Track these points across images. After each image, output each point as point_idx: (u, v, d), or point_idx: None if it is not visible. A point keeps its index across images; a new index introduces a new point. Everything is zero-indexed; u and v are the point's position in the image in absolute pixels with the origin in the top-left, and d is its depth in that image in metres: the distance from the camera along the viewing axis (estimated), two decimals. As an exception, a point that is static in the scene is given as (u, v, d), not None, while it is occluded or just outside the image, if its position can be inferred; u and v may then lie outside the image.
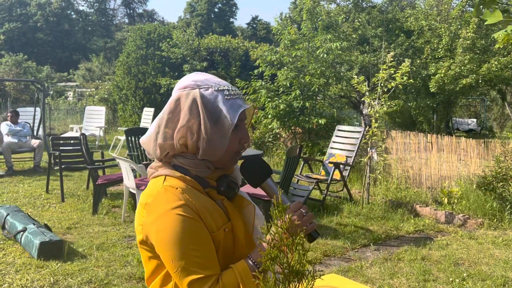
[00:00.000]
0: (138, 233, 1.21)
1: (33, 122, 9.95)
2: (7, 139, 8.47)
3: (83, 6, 54.22)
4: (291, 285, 0.92)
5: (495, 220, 5.45)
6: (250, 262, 1.14)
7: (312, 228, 1.17)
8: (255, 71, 10.08)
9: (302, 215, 1.14)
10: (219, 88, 1.23)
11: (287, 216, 1.01)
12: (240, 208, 1.28)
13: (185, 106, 1.22)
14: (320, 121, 8.82)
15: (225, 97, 1.22)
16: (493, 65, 11.36)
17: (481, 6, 2.77)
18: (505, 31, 2.81)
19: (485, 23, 2.48)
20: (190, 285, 1.11)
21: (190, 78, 1.27)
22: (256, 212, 1.29)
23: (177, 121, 1.22)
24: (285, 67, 9.34)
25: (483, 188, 5.69)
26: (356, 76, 6.49)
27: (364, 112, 10.91)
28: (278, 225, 0.97)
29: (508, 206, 5.42)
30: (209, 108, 1.20)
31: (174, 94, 1.27)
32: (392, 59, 6.18)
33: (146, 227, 1.17)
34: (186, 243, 1.11)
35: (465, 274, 3.96)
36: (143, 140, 1.30)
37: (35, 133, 9.83)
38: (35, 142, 8.63)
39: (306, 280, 0.91)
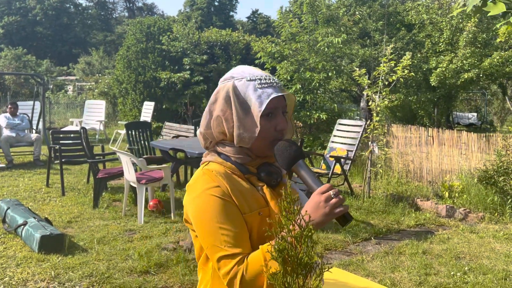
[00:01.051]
0: (184, 210, 1.34)
1: (32, 116, 9.92)
2: (5, 132, 8.45)
3: (82, -1, 53.94)
4: (299, 278, 0.91)
5: (496, 214, 5.44)
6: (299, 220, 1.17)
7: (342, 211, 1.16)
8: (256, 61, 10.03)
9: (330, 197, 1.16)
10: (252, 78, 1.30)
11: (296, 207, 1.00)
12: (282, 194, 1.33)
13: (220, 97, 1.31)
14: (321, 115, 8.80)
15: (256, 86, 1.29)
16: (495, 59, 11.32)
17: (483, 8, 2.73)
18: (508, 21, 2.77)
19: (488, 15, 2.46)
20: (219, 261, 1.19)
21: (230, 71, 1.37)
22: (303, 203, 1.33)
23: (215, 111, 1.33)
24: (285, 61, 9.30)
25: (484, 182, 5.68)
26: (357, 69, 6.46)
27: (362, 105, 10.89)
28: (285, 217, 0.96)
29: (509, 200, 5.42)
30: (240, 97, 1.29)
31: (217, 87, 1.38)
32: (392, 51, 6.15)
33: (186, 205, 1.30)
34: (216, 222, 1.20)
35: (466, 268, 3.95)
36: (198, 131, 1.43)
37: (34, 127, 9.81)
38: (33, 136, 8.61)
39: (315, 273, 0.90)
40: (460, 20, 12.01)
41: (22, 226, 4.38)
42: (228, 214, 1.21)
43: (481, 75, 11.76)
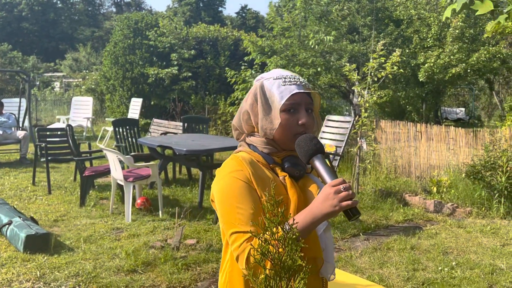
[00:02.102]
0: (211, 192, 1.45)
1: (18, 113, 9.77)
2: (-9, 130, 8.31)
3: (69, -5, 53.23)
4: (282, 281, 0.89)
5: (483, 208, 5.48)
6: (286, 225, 1.22)
7: (350, 205, 1.21)
8: (245, 58, 9.98)
9: (339, 190, 1.21)
10: (278, 77, 1.43)
11: (279, 210, 0.97)
12: (304, 188, 1.40)
13: (251, 94, 1.46)
14: None
15: (281, 83, 1.40)
16: (482, 54, 11.39)
17: (469, 5, 2.73)
18: (497, 20, 2.78)
19: (476, 14, 2.46)
20: (231, 236, 1.29)
21: (264, 73, 1.50)
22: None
23: (245, 106, 1.47)
24: (275, 55, 9.26)
25: (471, 177, 5.72)
26: (348, 64, 6.45)
27: (354, 101, 10.90)
28: (269, 219, 0.93)
29: (497, 195, 5.46)
30: (265, 94, 1.42)
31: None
32: (382, 47, 6.15)
33: (212, 186, 1.41)
34: (235, 201, 1.31)
35: (453, 263, 3.98)
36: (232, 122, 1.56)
37: (20, 125, 9.67)
38: (20, 134, 8.48)
39: (299, 276, 0.87)
40: (448, 16, 12.05)
41: (7, 226, 4.31)
42: (246, 196, 1.32)
43: (468, 70, 11.84)
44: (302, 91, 1.40)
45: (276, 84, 1.41)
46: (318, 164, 1.30)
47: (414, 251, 4.28)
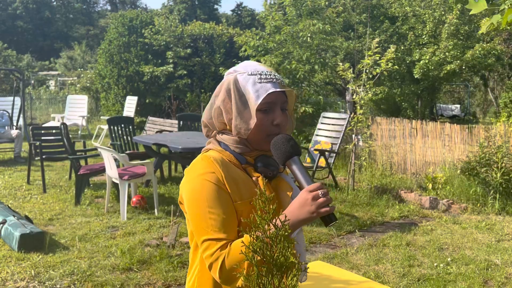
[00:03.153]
0: (179, 192, 1.40)
1: (12, 112, 9.71)
2: (-15, 129, 8.27)
3: (63, -8, 52.94)
4: (274, 278, 0.88)
5: (478, 204, 5.50)
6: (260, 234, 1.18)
7: (327, 211, 1.17)
8: (240, 54, 9.96)
9: (317, 196, 1.17)
10: (253, 73, 1.35)
11: (271, 207, 0.96)
12: (278, 189, 1.35)
13: (223, 89, 1.37)
14: (307, 109, 8.77)
15: (256, 80, 1.33)
16: (477, 51, 11.42)
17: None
18: (491, 23, 2.78)
19: (470, 13, 2.46)
20: (203, 243, 1.24)
21: (235, 66, 1.42)
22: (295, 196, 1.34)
23: (216, 102, 1.39)
24: (269, 54, 9.24)
25: (467, 173, 5.74)
26: (341, 64, 6.45)
27: (347, 98, 10.90)
28: (261, 216, 0.92)
29: (492, 191, 5.48)
30: (240, 90, 1.34)
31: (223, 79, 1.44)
32: (377, 45, 6.15)
33: (181, 187, 1.35)
34: (207, 206, 1.25)
35: (449, 259, 3.99)
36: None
37: (15, 123, 9.62)
38: (14, 133, 8.44)
39: (291, 274, 0.86)
40: (443, 13, 12.07)
41: (1, 225, 4.29)
42: (219, 200, 1.26)
43: (463, 67, 11.86)
44: (279, 89, 1.33)
45: (251, 81, 1.34)
46: (295, 167, 1.25)
47: (410, 247, 4.29)
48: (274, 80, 1.34)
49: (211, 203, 1.25)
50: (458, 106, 18.63)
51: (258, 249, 0.85)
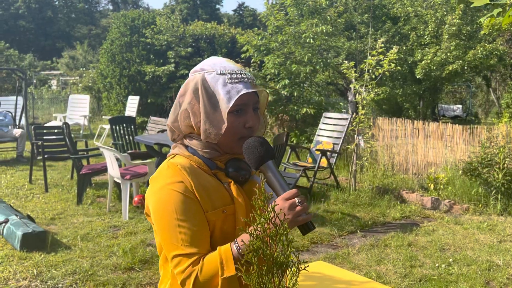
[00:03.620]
0: (145, 203, 1.30)
1: (15, 112, 9.74)
2: (-12, 128, 8.29)
3: (65, -8, 53.03)
4: (274, 277, 0.88)
5: (480, 205, 5.50)
6: (234, 247, 1.12)
7: (305, 219, 1.12)
8: (242, 55, 9.97)
9: (294, 204, 1.12)
10: (222, 72, 1.25)
11: (270, 206, 0.96)
12: (251, 193, 1.26)
13: (189, 90, 1.27)
14: (309, 110, 8.78)
15: (226, 80, 1.23)
16: (479, 51, 11.41)
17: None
18: (492, 14, 2.78)
19: (471, 6, 2.46)
20: (173, 259, 1.16)
21: (201, 63, 1.32)
22: (270, 202, 1.25)
23: (183, 104, 1.28)
24: (271, 54, 9.25)
25: (468, 174, 5.73)
26: (346, 62, 6.45)
27: (350, 99, 10.90)
28: (260, 215, 0.93)
29: (493, 192, 5.47)
30: (209, 92, 1.24)
31: (188, 79, 1.33)
32: (382, 45, 6.15)
33: (147, 198, 1.26)
34: (175, 218, 1.16)
35: (450, 260, 3.98)
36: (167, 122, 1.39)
37: (17, 123, 9.64)
38: (17, 132, 8.46)
39: (291, 272, 0.87)
40: (445, 13, 12.07)
41: (4, 224, 4.30)
42: (189, 211, 1.17)
43: (465, 68, 11.86)
44: (251, 90, 1.24)
45: (221, 81, 1.24)
46: (270, 173, 1.18)
47: (411, 247, 4.29)
48: (246, 79, 1.25)
49: (180, 215, 1.16)
50: (460, 106, 18.62)
51: (258, 249, 0.86)
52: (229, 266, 1.09)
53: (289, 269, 0.88)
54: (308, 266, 0.86)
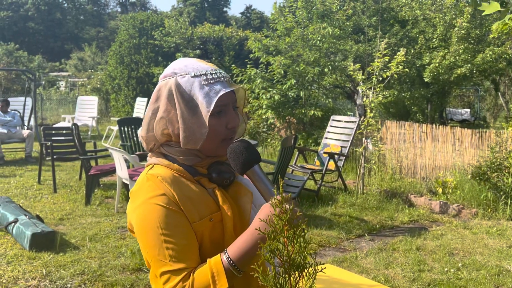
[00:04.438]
0: (127, 219, 1.23)
1: (24, 112, 9.82)
2: (-3, 129, 8.36)
3: (74, -6, 53.45)
4: (291, 278, 0.88)
5: (489, 210, 5.46)
6: (224, 257, 1.08)
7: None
8: (251, 55, 10.01)
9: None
10: (196, 74, 1.17)
11: (288, 206, 0.95)
12: (237, 196, 1.21)
13: (163, 97, 1.18)
14: (316, 113, 8.78)
15: (202, 82, 1.16)
16: (488, 55, 11.35)
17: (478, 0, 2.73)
18: (503, 20, 2.78)
19: (483, 14, 2.45)
20: (162, 276, 1.10)
21: (171, 66, 1.23)
22: (257, 202, 1.23)
23: (158, 112, 1.20)
24: (279, 55, 9.27)
25: (477, 178, 5.69)
26: (352, 64, 6.44)
27: (358, 102, 10.88)
28: (278, 216, 0.93)
29: (503, 196, 5.43)
30: (185, 97, 1.16)
31: (158, 84, 1.24)
32: (386, 46, 6.13)
33: (129, 214, 1.18)
34: (160, 234, 1.10)
35: (459, 264, 3.96)
36: (139, 132, 1.29)
37: (26, 124, 9.71)
38: (25, 133, 8.52)
39: (308, 273, 0.87)
40: (454, 16, 12.02)
41: (13, 224, 4.33)
42: (174, 225, 1.11)
43: (474, 71, 11.80)
44: (229, 89, 1.17)
45: (197, 84, 1.16)
46: (255, 177, 1.13)
47: (420, 252, 4.26)
48: (222, 79, 1.18)
49: (165, 230, 1.10)
50: (468, 110, 18.51)
51: (275, 250, 0.86)
52: (220, 279, 1.05)
53: (306, 271, 0.88)
54: (325, 268, 0.86)
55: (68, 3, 48.78)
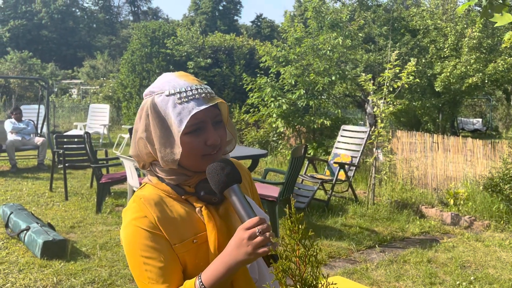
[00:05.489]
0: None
1: (37, 120, 9.94)
2: (10, 136, 8.47)
3: (87, 3, 54.24)
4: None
5: (502, 222, 5.39)
6: (197, 282, 1.08)
7: (265, 251, 1.02)
8: (261, 65, 10.05)
9: (254, 235, 1.03)
10: (171, 92, 1.15)
11: (301, 226, 0.95)
12: (227, 214, 1.19)
13: (142, 116, 1.18)
14: (325, 122, 8.78)
15: (176, 101, 1.14)
16: (500, 64, 11.28)
17: (489, 10, 2.72)
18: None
19: (495, 25, 2.44)
20: None
21: (151, 85, 1.22)
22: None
23: (138, 132, 1.20)
24: (289, 65, 9.30)
25: (489, 189, 5.63)
26: (363, 74, 6.43)
27: (368, 111, 10.85)
28: (290, 236, 0.93)
29: (515, 208, 5.36)
30: (160, 116, 1.15)
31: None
32: (396, 57, 6.12)
33: (120, 232, 1.20)
34: (140, 256, 1.12)
35: (472, 277, 3.91)
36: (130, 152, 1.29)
37: (39, 131, 9.83)
38: (38, 140, 8.62)
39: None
40: (465, 26, 11.98)
41: (25, 231, 4.37)
42: (153, 248, 1.12)
43: (486, 81, 11.72)
44: (204, 106, 1.14)
45: (171, 103, 1.14)
46: (233, 197, 1.10)
47: (431, 264, 4.22)
48: (197, 95, 1.15)
49: (146, 253, 1.12)
50: (480, 120, 18.36)
51: (287, 270, 0.86)
52: None
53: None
54: (335, 284, 0.86)
55: (81, 11, 49.45)
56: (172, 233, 1.13)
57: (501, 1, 2.33)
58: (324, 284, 0.88)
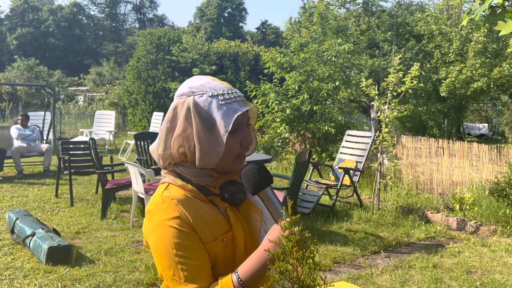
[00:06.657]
0: (144, 236, 1.27)
1: (43, 126, 10.01)
2: (16, 143, 8.53)
3: (94, 11, 54.68)
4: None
5: (508, 227, 5.35)
6: (234, 277, 1.10)
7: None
8: (265, 71, 10.08)
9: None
10: (214, 94, 1.20)
11: (297, 228, 0.96)
12: (247, 214, 1.25)
13: (181, 115, 1.20)
14: (330, 129, 8.78)
15: (220, 102, 1.19)
16: (505, 69, 11.24)
17: (492, 18, 2.72)
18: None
19: (499, 34, 2.44)
20: None
21: (186, 85, 1.25)
22: (266, 219, 1.26)
23: (175, 130, 1.22)
24: (294, 71, 9.32)
25: (495, 194, 5.60)
26: (364, 79, 6.43)
27: (372, 116, 10.84)
28: (287, 237, 0.93)
29: (522, 213, 5.32)
30: (203, 116, 1.18)
31: (173, 102, 1.26)
32: (399, 61, 6.12)
33: (146, 234, 1.22)
34: (175, 255, 1.15)
35: (478, 283, 3.88)
36: (152, 149, 1.30)
37: (45, 137, 9.89)
38: (44, 146, 8.68)
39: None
40: (470, 31, 11.96)
41: (30, 237, 4.39)
42: (188, 247, 1.15)
43: (491, 85, 11.68)
44: (246, 108, 1.20)
45: (215, 104, 1.18)
46: (267, 199, 1.16)
47: (437, 269, 4.19)
48: (238, 98, 1.21)
49: (180, 252, 1.14)
50: (486, 125, 18.27)
51: (285, 271, 0.87)
52: None
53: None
54: (333, 286, 0.86)
55: (87, 19, 49.86)
56: (205, 233, 1.17)
57: (502, 8, 2.33)
58: (321, 286, 0.88)
